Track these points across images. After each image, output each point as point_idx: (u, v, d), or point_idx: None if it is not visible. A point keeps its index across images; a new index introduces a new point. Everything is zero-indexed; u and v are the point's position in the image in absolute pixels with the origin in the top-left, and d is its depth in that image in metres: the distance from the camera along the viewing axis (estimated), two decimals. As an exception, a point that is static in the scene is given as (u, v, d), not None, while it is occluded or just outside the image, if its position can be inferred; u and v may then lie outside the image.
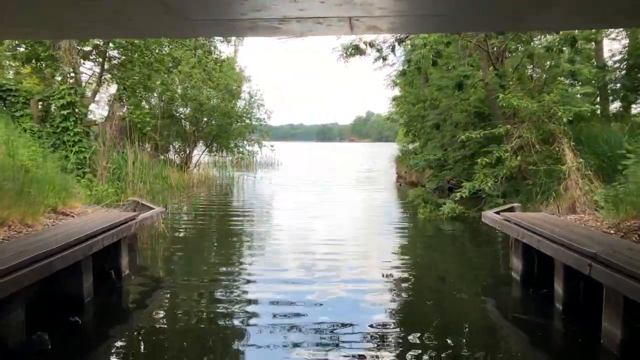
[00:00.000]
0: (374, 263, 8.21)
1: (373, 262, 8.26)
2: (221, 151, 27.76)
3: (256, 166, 35.50)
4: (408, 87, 18.01)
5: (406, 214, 13.67)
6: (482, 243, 10.32)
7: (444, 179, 13.28)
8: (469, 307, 6.21)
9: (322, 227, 10.99)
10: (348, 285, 6.67)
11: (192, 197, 15.71)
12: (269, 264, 7.85)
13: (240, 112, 25.68)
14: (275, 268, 7.54)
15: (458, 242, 10.55)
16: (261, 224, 11.42)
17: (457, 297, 6.59)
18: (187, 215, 12.26)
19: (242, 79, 27.54)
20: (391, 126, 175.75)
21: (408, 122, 17.54)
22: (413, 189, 14.07)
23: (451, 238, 10.93)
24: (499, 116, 13.74)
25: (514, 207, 8.80)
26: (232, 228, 11.01)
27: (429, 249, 9.79)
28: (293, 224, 11.33)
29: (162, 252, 8.59)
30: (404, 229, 11.79)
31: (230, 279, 7.05)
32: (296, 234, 10.06)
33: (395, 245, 10.00)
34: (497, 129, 9.68)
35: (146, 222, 7.85)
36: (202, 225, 11.45)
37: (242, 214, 12.92)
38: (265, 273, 7.28)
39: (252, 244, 9.41)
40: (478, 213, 11.90)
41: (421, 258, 8.93)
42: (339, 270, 7.46)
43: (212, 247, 9.30)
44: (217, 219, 12.11)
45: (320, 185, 20.78)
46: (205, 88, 23.30)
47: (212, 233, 10.55)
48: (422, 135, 16.62)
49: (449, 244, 10.41)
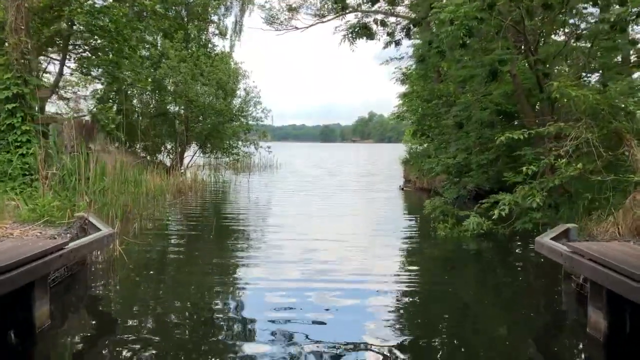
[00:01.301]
0: (380, 288, 6.55)
1: (380, 288, 6.55)
2: (215, 152, 25.83)
3: (254, 168, 33.51)
4: (421, 81, 15.94)
5: (419, 227, 11.61)
6: (518, 269, 8.26)
7: (465, 187, 11.22)
8: None
9: (320, 246, 8.92)
10: (349, 315, 5.50)
11: (174, 206, 13.65)
12: (255, 305, 5.81)
13: (235, 110, 23.67)
14: (263, 308, 5.51)
15: (487, 267, 8.48)
16: (245, 247, 9.16)
17: (488, 340, 4.99)
18: (157, 234, 10.01)
19: (238, 75, 25.47)
20: (394, 127, 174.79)
21: (420, 120, 15.51)
22: (428, 197, 12.01)
23: (477, 261, 8.86)
24: (529, 114, 11.72)
25: (569, 229, 6.74)
26: (208, 249, 8.91)
27: (449, 274, 7.80)
28: (283, 246, 9.03)
29: (109, 291, 6.55)
30: (417, 246, 9.74)
31: (202, 331, 5.01)
32: (289, 260, 7.93)
33: (407, 266, 7.98)
34: (546, 127, 7.59)
35: (81, 252, 5.80)
36: (177, 246, 9.33)
37: (226, 229, 10.81)
38: (256, 315, 5.27)
39: (229, 275, 7.34)
40: (508, 229, 9.91)
41: (440, 285, 6.92)
42: (338, 302, 5.90)
43: (178, 282, 7.20)
44: (192, 239, 9.78)
45: (320, 191, 18.68)
46: (196, 84, 21.29)
47: (184, 259, 8.38)
48: (438, 135, 14.57)
49: (475, 269, 8.36)
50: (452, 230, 9.83)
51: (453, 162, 11.16)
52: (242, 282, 6.84)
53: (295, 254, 8.29)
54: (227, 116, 22.75)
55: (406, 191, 19.80)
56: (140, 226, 10.12)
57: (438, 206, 10.43)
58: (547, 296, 6.58)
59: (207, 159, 26.97)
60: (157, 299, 6.11)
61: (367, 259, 8.33)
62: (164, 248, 8.90)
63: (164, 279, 7.09)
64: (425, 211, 10.75)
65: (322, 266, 7.53)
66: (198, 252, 8.59)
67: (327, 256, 8.21)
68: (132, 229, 9.60)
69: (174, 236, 10.11)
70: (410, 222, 12.58)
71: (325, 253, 8.40)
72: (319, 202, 15.01)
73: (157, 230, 10.28)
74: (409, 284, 6.95)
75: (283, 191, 18.92)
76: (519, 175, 9.71)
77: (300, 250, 8.48)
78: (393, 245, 9.72)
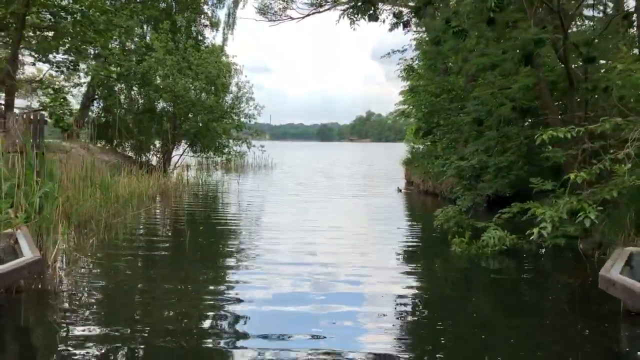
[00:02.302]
0: (383, 311, 5.53)
1: (382, 311, 5.51)
2: (206, 151, 24.29)
3: (247, 168, 31.96)
4: (430, 72, 14.33)
5: (426, 238, 10.11)
6: (547, 290, 6.77)
7: (482, 194, 9.71)
8: None
9: (311, 273, 7.34)
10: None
11: (147, 214, 12.08)
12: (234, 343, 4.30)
13: (225, 107, 22.10)
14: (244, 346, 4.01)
15: (509, 288, 6.96)
16: (217, 274, 7.21)
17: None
18: (114, 252, 8.01)
19: (230, 70, 23.86)
20: (391, 126, 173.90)
21: (428, 117, 13.95)
22: (435, 202, 10.53)
23: (497, 280, 7.33)
24: (553, 110, 10.25)
25: (632, 254, 5.24)
26: (173, 275, 7.20)
27: (464, 295, 6.35)
28: (268, 271, 7.29)
29: (37, 328, 5.02)
30: (425, 262, 8.22)
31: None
32: (276, 296, 6.31)
33: (414, 287, 6.49)
34: (599, 124, 6.06)
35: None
36: (133, 267, 7.45)
37: (201, 246, 9.15)
38: None
39: (191, 310, 5.81)
40: (532, 243, 8.42)
41: (454, 306, 5.47)
42: (336, 329, 4.95)
43: (123, 317, 5.65)
44: (156, 260, 7.91)
45: (315, 195, 17.10)
46: (183, 78, 19.72)
47: (141, 286, 6.63)
48: (446, 134, 13.04)
49: (494, 288, 6.85)
50: (470, 246, 8.33)
51: (467, 165, 9.64)
52: (208, 323, 5.29)
53: (282, 285, 6.72)
54: (218, 113, 21.19)
55: (408, 194, 18.29)
56: (102, 239, 8.55)
57: (452, 216, 8.93)
58: (586, 322, 5.16)
59: (197, 158, 25.44)
60: (98, 337, 4.56)
61: (368, 279, 6.84)
62: (117, 271, 6.98)
63: (107, 312, 5.52)
64: (437, 221, 9.23)
65: (316, 297, 6.01)
66: (159, 278, 6.85)
67: (320, 287, 6.67)
68: (90, 244, 8.05)
69: (135, 254, 8.26)
70: (415, 232, 11.06)
71: (319, 281, 6.85)
72: (313, 210, 13.32)
73: (115, 249, 8.37)
74: (416, 306, 5.76)
75: (274, 196, 17.28)
76: (546, 182, 8.26)
77: (289, 282, 6.86)
78: (397, 260, 8.25)
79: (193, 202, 15.25)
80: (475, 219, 9.54)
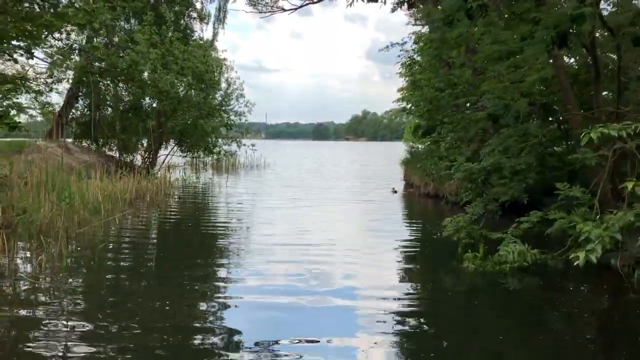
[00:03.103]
0: (381, 341, 4.55)
1: (381, 340, 4.50)
2: (194, 151, 23.07)
3: (239, 168, 30.71)
4: (435, 62, 13.07)
5: (432, 252, 8.96)
6: (575, 314, 5.64)
7: (496, 199, 8.55)
8: None
9: (300, 288, 6.20)
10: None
11: (115, 223, 10.81)
12: None
13: (214, 104, 20.83)
14: None
15: (529, 309, 5.82)
16: (186, 304, 5.70)
17: None
18: (62, 275, 6.57)
19: (220, 65, 22.59)
20: (387, 125, 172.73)
21: (431, 114, 12.73)
22: (435, 205, 9.38)
23: (516, 300, 6.19)
24: (574, 105, 9.12)
25: None
26: (127, 308, 5.96)
27: (476, 316, 5.23)
28: (255, 288, 6.30)
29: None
30: (431, 282, 7.06)
31: None
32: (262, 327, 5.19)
33: (419, 315, 5.34)
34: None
35: None
36: (80, 297, 5.98)
37: (169, 266, 7.68)
38: None
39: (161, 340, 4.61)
40: (560, 257, 7.28)
41: (462, 332, 4.37)
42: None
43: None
44: (112, 285, 6.37)
45: (310, 197, 15.90)
46: (167, 73, 18.49)
47: (88, 320, 5.07)
48: (451, 132, 11.86)
49: (511, 309, 5.72)
50: (485, 262, 7.18)
51: (479, 167, 8.49)
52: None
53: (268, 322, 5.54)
54: (205, 110, 19.95)
55: (407, 197, 17.15)
56: (51, 254, 7.32)
57: (463, 226, 7.77)
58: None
59: (185, 158, 24.21)
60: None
61: (364, 302, 5.69)
62: (62, 304, 5.59)
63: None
64: (445, 232, 8.06)
65: (307, 324, 4.84)
66: (113, 312, 5.57)
67: (309, 315, 5.52)
68: (35, 263, 6.80)
69: (88, 277, 6.94)
70: (418, 242, 9.90)
71: (305, 307, 5.69)
72: (305, 217, 12.06)
73: (65, 271, 6.94)
74: (419, 333, 4.77)
75: (262, 199, 15.79)
76: (574, 188, 7.13)
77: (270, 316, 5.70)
78: (398, 276, 7.14)
79: (173, 207, 13.99)
80: (489, 229, 8.40)
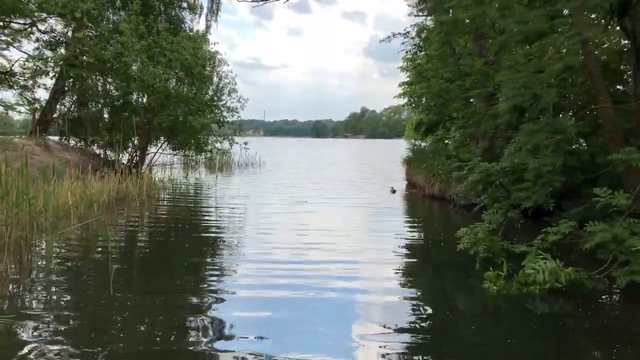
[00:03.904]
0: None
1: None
2: (185, 149, 21.90)
3: (233, 167, 29.52)
4: (443, 52, 11.79)
5: (445, 264, 7.78)
6: (618, 341, 4.49)
7: (518, 206, 7.38)
8: None
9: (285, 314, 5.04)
10: None
11: (84, 229, 9.62)
12: None
13: (204, 99, 19.59)
14: None
15: (564, 336, 4.67)
16: (144, 342, 4.57)
17: None
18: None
19: (213, 59, 21.35)
20: (385, 122, 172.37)
21: (439, 108, 11.47)
22: (451, 214, 8.27)
23: (546, 326, 5.04)
24: (605, 96, 7.99)
25: None
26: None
27: (499, 343, 4.12)
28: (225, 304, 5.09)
29: None
30: (443, 301, 5.90)
31: None
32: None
33: (429, 341, 4.20)
34: None
35: None
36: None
37: (133, 283, 6.54)
38: None
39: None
40: (599, 276, 6.14)
41: None
42: None
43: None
44: (62, 316, 5.02)
45: (304, 201, 14.61)
46: (154, 65, 17.29)
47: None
48: (464, 127, 10.64)
49: (542, 338, 4.56)
50: (509, 283, 6.03)
51: (498, 168, 7.33)
52: None
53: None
54: (195, 106, 18.72)
55: (410, 198, 15.99)
56: None
57: (481, 239, 6.61)
58: None
59: (176, 156, 23.01)
60: None
61: (365, 329, 4.53)
62: None
63: None
64: (462, 245, 6.91)
65: None
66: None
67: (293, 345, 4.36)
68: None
69: (37, 299, 5.82)
70: (426, 251, 8.74)
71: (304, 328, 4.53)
72: (298, 226, 10.56)
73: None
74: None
75: (253, 204, 14.04)
76: (617, 196, 5.99)
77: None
78: (404, 294, 5.95)
79: (153, 212, 12.62)
80: (508, 239, 7.26)
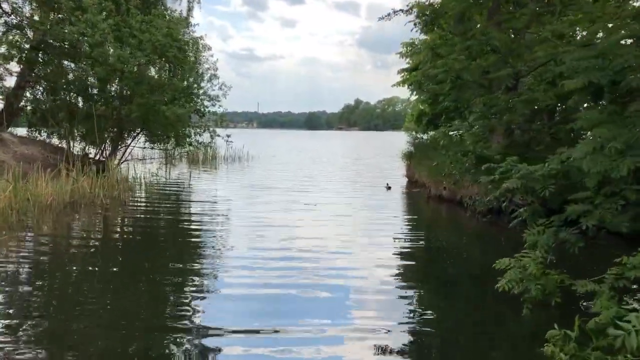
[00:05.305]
0: None
1: None
2: (162, 142, 19.73)
3: (219, 161, 27.33)
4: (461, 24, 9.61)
5: (465, 304, 5.73)
6: None
7: (577, 226, 5.34)
8: None
9: None
10: None
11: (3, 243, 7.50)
12: None
13: (180, 87, 17.34)
14: None
15: None
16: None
17: None
18: None
19: (195, 44, 19.10)
20: (380, 114, 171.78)
21: (456, 92, 9.37)
22: (466, 222, 6.24)
23: None
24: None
25: None
26: None
27: None
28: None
29: None
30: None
31: None
32: None
33: None
34: None
35: None
36: None
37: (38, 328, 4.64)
38: None
39: None
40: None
41: None
42: None
43: None
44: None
45: (291, 207, 12.31)
46: (120, 47, 15.12)
47: None
48: (480, 119, 8.55)
49: None
50: (583, 350, 3.97)
51: (545, 171, 5.28)
52: None
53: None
54: (169, 94, 16.52)
55: (412, 198, 13.97)
56: None
57: (531, 274, 4.54)
58: None
59: (153, 150, 20.82)
60: None
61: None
62: None
63: None
64: (503, 284, 4.86)
65: None
66: None
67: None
68: None
69: None
70: (440, 270, 6.68)
71: None
72: (281, 242, 8.30)
73: None
74: None
75: (231, 208, 11.77)
76: None
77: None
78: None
79: (107, 219, 10.43)
80: (560, 269, 5.24)
